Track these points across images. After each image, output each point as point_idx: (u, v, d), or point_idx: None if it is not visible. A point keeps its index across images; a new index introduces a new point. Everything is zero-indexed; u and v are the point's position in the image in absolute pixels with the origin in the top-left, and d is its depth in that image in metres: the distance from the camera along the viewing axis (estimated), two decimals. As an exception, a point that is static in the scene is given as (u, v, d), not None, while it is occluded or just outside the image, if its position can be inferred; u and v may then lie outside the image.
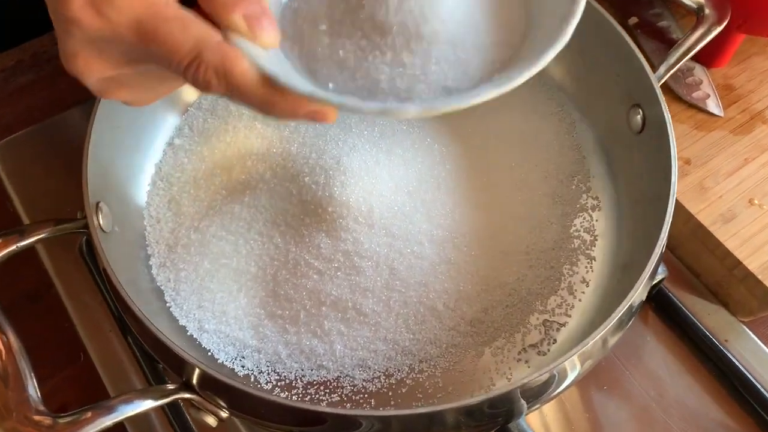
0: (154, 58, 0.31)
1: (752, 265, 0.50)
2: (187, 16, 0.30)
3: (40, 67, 0.64)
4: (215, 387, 0.37)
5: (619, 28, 0.48)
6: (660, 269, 0.50)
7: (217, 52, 0.30)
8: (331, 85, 0.32)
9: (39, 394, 0.35)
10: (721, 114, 0.58)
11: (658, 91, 0.45)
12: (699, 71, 0.60)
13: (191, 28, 0.30)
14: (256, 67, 0.30)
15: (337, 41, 0.33)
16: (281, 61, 0.33)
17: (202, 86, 0.30)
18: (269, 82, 0.30)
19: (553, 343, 0.46)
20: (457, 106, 0.30)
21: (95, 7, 0.29)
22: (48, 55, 0.65)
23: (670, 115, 0.44)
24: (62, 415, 0.34)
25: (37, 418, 0.34)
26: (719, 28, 0.48)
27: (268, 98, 0.30)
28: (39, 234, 0.41)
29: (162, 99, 0.46)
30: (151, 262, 0.48)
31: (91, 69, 0.32)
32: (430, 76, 0.32)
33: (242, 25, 0.30)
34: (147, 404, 0.36)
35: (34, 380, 0.35)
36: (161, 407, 0.47)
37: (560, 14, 0.31)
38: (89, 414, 0.34)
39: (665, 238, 0.40)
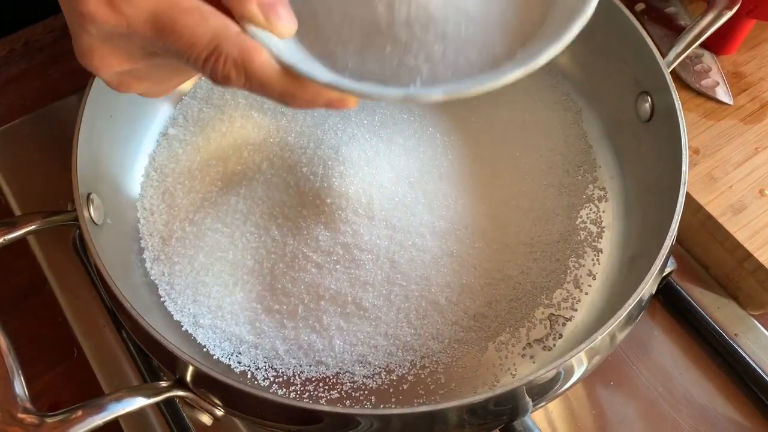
0: (171, 52, 0.30)
1: (763, 257, 0.50)
2: (205, 7, 0.30)
3: (33, 56, 0.64)
4: (209, 384, 0.37)
5: (628, 13, 0.47)
6: (669, 261, 0.50)
7: (236, 44, 0.29)
8: (347, 71, 0.32)
9: (27, 392, 0.35)
10: (731, 102, 0.58)
11: (668, 78, 0.45)
12: (708, 58, 0.60)
13: (209, 20, 0.30)
14: (275, 59, 0.30)
15: (350, 28, 0.32)
16: (298, 50, 0.32)
17: (221, 80, 0.30)
18: (288, 73, 0.30)
19: (559, 338, 0.45)
20: (483, 89, 0.29)
21: (110, 2, 0.30)
22: (40, 43, 0.65)
23: (680, 103, 0.44)
24: (50, 414, 0.34)
25: (23, 416, 0.34)
26: (730, 13, 0.48)
27: (288, 89, 0.30)
28: (28, 226, 0.41)
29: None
30: (144, 256, 0.47)
31: (107, 64, 0.32)
32: (449, 59, 0.31)
33: (258, 15, 0.30)
34: (139, 402, 0.36)
35: (22, 378, 0.35)
36: (156, 405, 0.47)
37: None
38: (79, 413, 0.34)
39: (676, 230, 0.40)
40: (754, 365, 0.49)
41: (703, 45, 0.59)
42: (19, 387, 0.34)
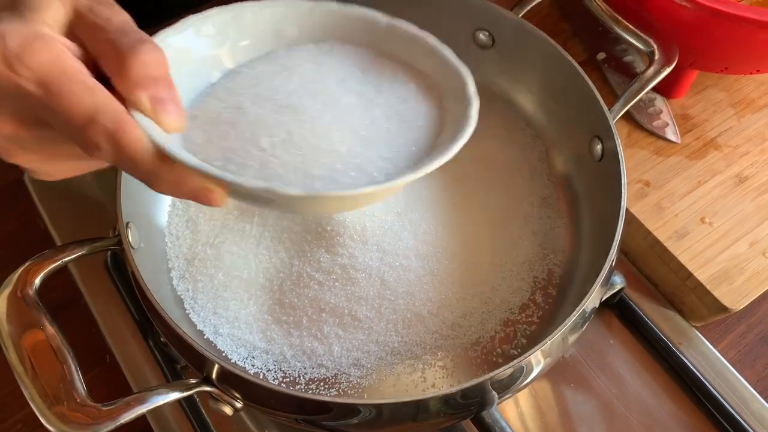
0: (51, 116, 0.29)
1: (702, 276, 0.55)
2: (96, 84, 0.29)
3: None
4: (232, 381, 0.40)
5: (580, 70, 0.50)
6: (619, 279, 0.54)
7: (113, 116, 0.29)
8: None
9: (85, 386, 0.39)
10: (679, 141, 0.62)
11: (613, 127, 0.47)
12: (659, 102, 0.64)
13: (96, 94, 0.29)
14: (149, 138, 0.29)
15: (235, 149, 0.33)
16: (179, 146, 0.32)
17: (91, 149, 0.29)
18: (158, 154, 0.30)
19: (523, 345, 0.48)
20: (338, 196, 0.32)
21: (7, 62, 0.28)
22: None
23: (622, 148, 0.46)
24: (105, 403, 0.38)
25: (84, 406, 0.38)
26: (669, 69, 0.50)
27: (155, 169, 0.30)
28: (79, 251, 0.43)
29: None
30: (172, 275, 0.50)
31: None
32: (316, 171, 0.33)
33: (147, 104, 0.30)
34: (175, 395, 0.40)
35: (80, 375, 0.39)
36: (179, 403, 0.51)
37: (459, 124, 0.34)
38: (128, 402, 0.38)
39: (615, 254, 0.43)
40: (694, 370, 0.53)
41: (655, 90, 0.62)
42: (79, 382, 0.39)
